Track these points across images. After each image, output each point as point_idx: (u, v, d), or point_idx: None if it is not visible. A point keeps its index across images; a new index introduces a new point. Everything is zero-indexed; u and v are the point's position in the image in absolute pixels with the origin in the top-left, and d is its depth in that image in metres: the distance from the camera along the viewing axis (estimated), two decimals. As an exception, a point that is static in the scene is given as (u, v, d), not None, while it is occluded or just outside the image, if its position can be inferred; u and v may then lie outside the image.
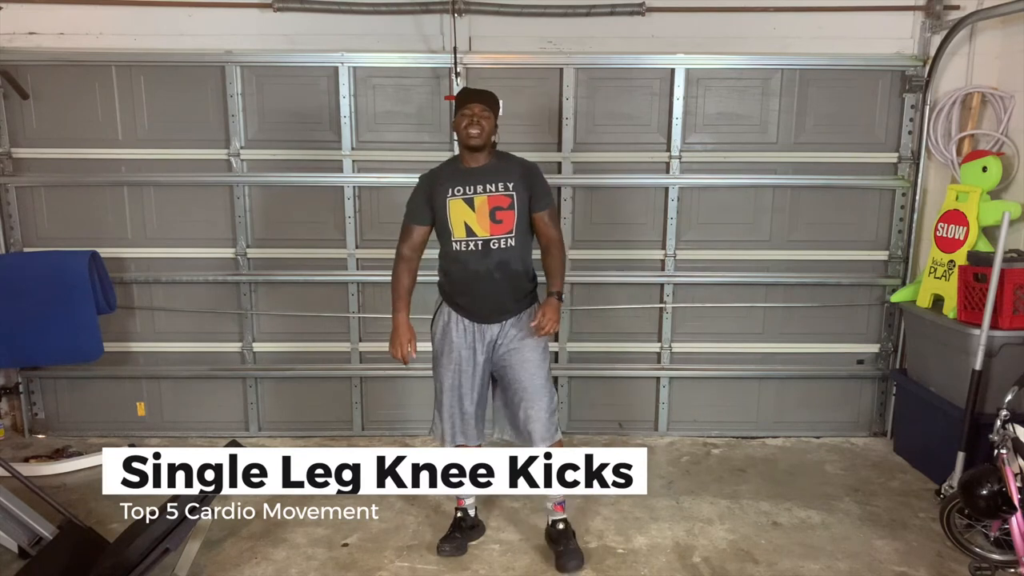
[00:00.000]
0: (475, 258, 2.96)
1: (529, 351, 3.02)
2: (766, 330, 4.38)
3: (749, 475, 3.95)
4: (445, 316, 3.09)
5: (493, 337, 3.03)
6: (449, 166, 3.08)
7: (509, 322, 3.03)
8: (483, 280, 2.96)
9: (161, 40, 4.05)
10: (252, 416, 4.43)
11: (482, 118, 2.93)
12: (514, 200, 2.95)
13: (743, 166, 4.22)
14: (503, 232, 2.95)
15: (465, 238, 2.95)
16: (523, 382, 3.01)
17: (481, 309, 3.01)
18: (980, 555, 3.06)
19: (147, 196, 4.21)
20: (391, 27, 4.08)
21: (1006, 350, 3.48)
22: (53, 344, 3.74)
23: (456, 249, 2.97)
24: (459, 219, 2.95)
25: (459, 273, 3.00)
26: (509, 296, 3.02)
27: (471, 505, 3.30)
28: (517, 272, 3.01)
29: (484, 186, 2.95)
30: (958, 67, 4.09)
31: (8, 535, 2.92)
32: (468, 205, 2.94)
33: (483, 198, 2.94)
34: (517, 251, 2.99)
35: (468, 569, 3.08)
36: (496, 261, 2.95)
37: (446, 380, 3.09)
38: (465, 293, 3.02)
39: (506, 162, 3.04)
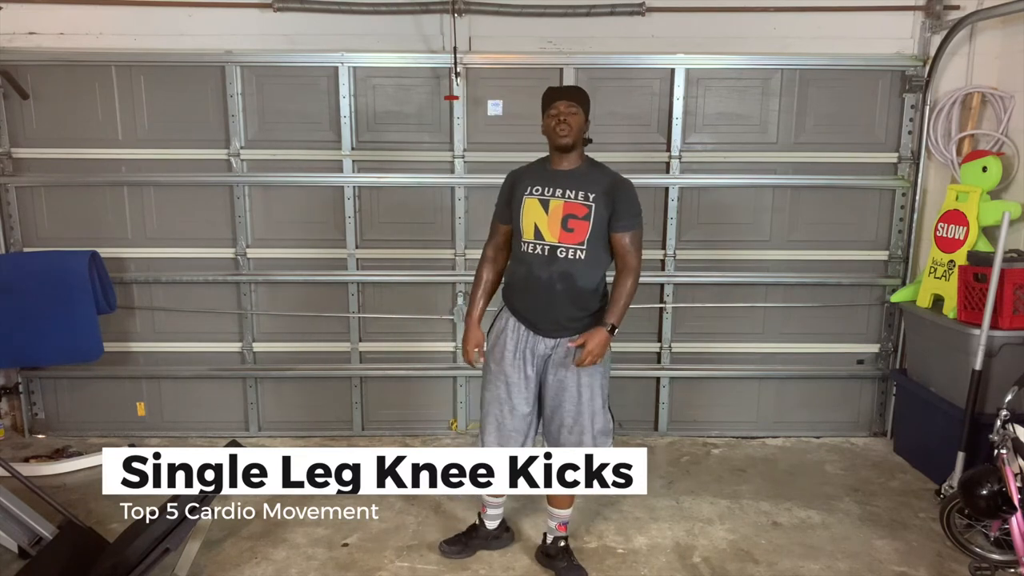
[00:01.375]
0: (539, 262, 2.79)
1: (585, 374, 2.84)
2: (766, 330, 4.38)
3: (749, 475, 3.95)
4: (503, 321, 2.93)
5: (546, 352, 2.86)
6: (537, 165, 2.94)
7: (566, 340, 2.84)
8: (543, 287, 2.78)
9: (161, 40, 4.05)
10: (252, 416, 4.43)
11: (569, 115, 2.77)
12: (591, 212, 2.76)
13: (743, 166, 4.22)
14: (573, 242, 2.77)
15: (533, 240, 2.80)
16: (576, 407, 2.86)
17: (536, 317, 2.84)
18: (980, 555, 3.06)
19: (147, 196, 4.21)
20: (391, 27, 4.08)
21: (1006, 350, 3.48)
22: (53, 344, 3.74)
23: (523, 250, 2.82)
24: (530, 219, 2.80)
25: (522, 275, 2.85)
26: (568, 311, 2.82)
27: (493, 517, 3.17)
28: (582, 288, 2.80)
29: (564, 191, 2.79)
30: (958, 67, 4.09)
31: (8, 535, 2.92)
32: (543, 207, 2.79)
33: (559, 202, 2.78)
34: (585, 266, 2.79)
35: (468, 569, 3.08)
36: (560, 271, 2.77)
37: (492, 391, 2.93)
38: (524, 298, 2.86)
39: (596, 172, 2.87)
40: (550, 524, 3.07)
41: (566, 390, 2.86)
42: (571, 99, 2.81)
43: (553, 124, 2.79)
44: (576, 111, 2.79)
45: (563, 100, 2.80)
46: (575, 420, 2.87)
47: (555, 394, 2.88)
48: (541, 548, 3.13)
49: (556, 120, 2.78)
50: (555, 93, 2.86)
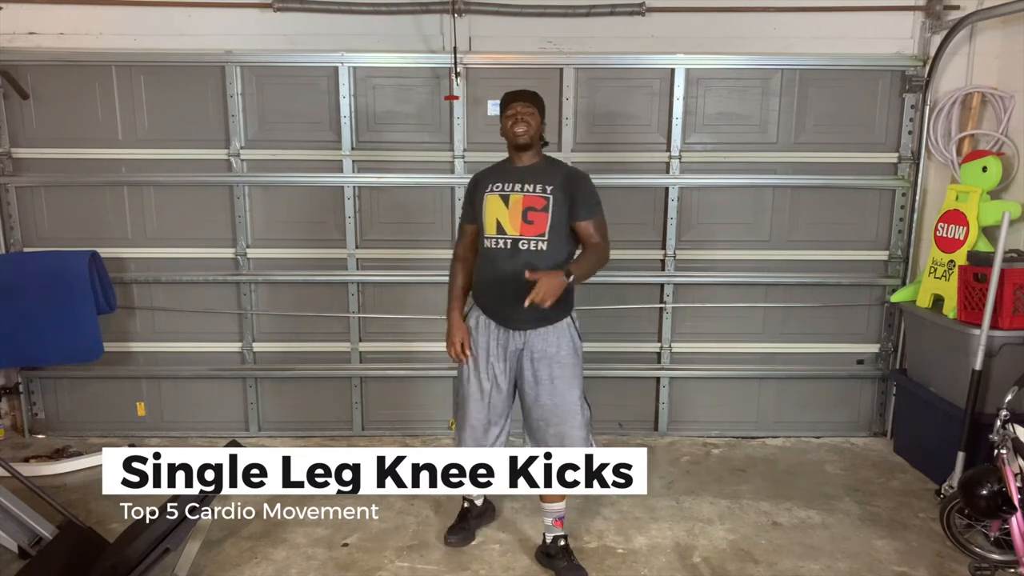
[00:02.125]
0: (503, 256, 2.89)
1: (559, 367, 2.92)
2: (766, 330, 4.38)
3: (749, 475, 3.95)
4: (474, 318, 3.01)
5: (518, 347, 2.94)
6: (498, 164, 3.06)
7: (536, 332, 2.91)
8: (509, 280, 2.84)
9: (161, 40, 4.05)
10: (252, 416, 4.43)
11: (525, 115, 2.90)
12: (549, 203, 2.86)
13: (743, 166, 4.22)
14: (533, 234, 2.86)
15: (496, 235, 2.90)
16: (553, 400, 2.92)
17: (505, 311, 2.91)
18: (980, 555, 3.06)
19: (147, 196, 4.21)
20: (391, 27, 4.08)
21: (1006, 350, 3.48)
22: (53, 344, 3.74)
23: (487, 246, 2.93)
24: (492, 215, 2.91)
25: (488, 270, 2.95)
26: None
27: (478, 496, 3.32)
28: None
29: (523, 185, 2.90)
30: (958, 67, 4.09)
31: (8, 535, 2.92)
32: (503, 201, 2.90)
33: (519, 196, 2.89)
34: (548, 256, 2.86)
35: (468, 569, 3.08)
36: (524, 263, 2.82)
37: (465, 387, 3.02)
38: (491, 293, 2.96)
39: (552, 167, 2.99)
40: (546, 522, 3.10)
41: (540, 383, 2.93)
42: (527, 101, 2.94)
43: (510, 124, 2.91)
44: (532, 112, 2.92)
45: (520, 102, 2.93)
46: (553, 413, 2.93)
47: (531, 389, 2.95)
48: (541, 548, 3.14)
49: (513, 120, 2.91)
50: (512, 96, 2.98)
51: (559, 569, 3.03)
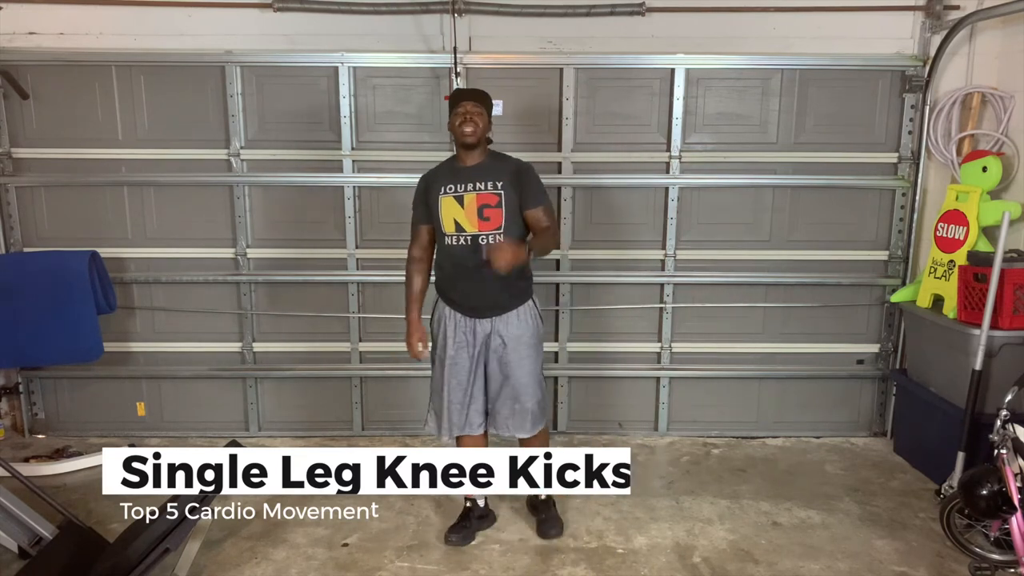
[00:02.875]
0: (464, 252, 3.03)
1: (524, 348, 3.11)
2: (766, 330, 4.38)
3: (749, 475, 3.95)
4: (440, 311, 3.18)
5: (486, 332, 3.10)
6: (445, 165, 3.17)
7: (501, 318, 3.09)
8: (472, 274, 3.02)
9: (161, 40, 4.05)
10: (252, 416, 4.43)
11: (474, 114, 3.00)
12: (502, 199, 3.01)
13: (743, 166, 4.22)
14: (491, 229, 3.01)
15: (455, 232, 3.03)
16: (516, 377, 3.10)
17: (471, 303, 3.08)
18: (980, 555, 3.06)
19: (147, 196, 4.21)
20: (391, 27, 4.08)
21: (1006, 350, 3.48)
22: (53, 344, 3.74)
23: (447, 243, 3.06)
24: (449, 216, 3.03)
25: (450, 267, 3.09)
26: (499, 291, 3.06)
27: (480, 496, 3.35)
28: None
29: (474, 184, 3.03)
30: (958, 67, 4.09)
31: (8, 535, 2.92)
32: (458, 202, 3.02)
33: (472, 196, 3.01)
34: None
35: (468, 569, 3.08)
36: (485, 256, 2.98)
37: (438, 374, 3.18)
38: (456, 287, 3.10)
39: (498, 162, 3.11)
40: None
41: (507, 365, 3.10)
42: (476, 100, 3.05)
43: (459, 122, 3.01)
44: (481, 111, 3.03)
45: (470, 101, 3.04)
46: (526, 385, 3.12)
47: (497, 374, 3.12)
48: (529, 499, 3.46)
49: (462, 118, 3.00)
50: (461, 94, 3.12)
51: (539, 520, 3.32)
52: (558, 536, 3.29)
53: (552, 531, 3.29)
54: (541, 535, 3.29)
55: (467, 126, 2.99)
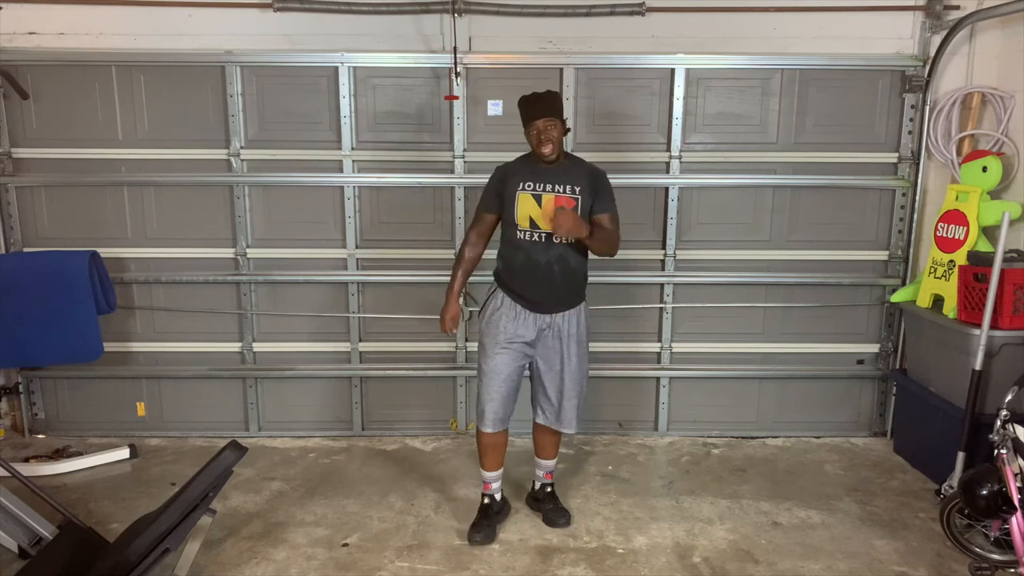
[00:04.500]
0: (538, 248, 3.11)
1: (577, 345, 3.22)
2: (766, 330, 4.38)
3: (749, 475, 3.95)
4: (497, 301, 3.21)
5: (543, 326, 3.18)
6: (525, 161, 3.20)
7: (560, 315, 3.18)
8: (542, 269, 3.12)
9: (161, 40, 4.05)
10: (252, 416, 4.43)
11: (550, 130, 3.04)
12: (579, 204, 3.09)
13: (743, 166, 4.22)
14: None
15: (530, 228, 3.10)
16: (565, 374, 3.22)
17: (537, 296, 3.15)
18: (980, 555, 3.06)
19: (147, 196, 4.21)
20: (391, 27, 4.08)
21: (1006, 350, 3.48)
22: (53, 344, 3.74)
23: (520, 237, 3.13)
24: (525, 212, 3.10)
25: (521, 260, 3.14)
26: (563, 289, 3.17)
27: (497, 489, 3.39)
28: (573, 269, 3.18)
29: (554, 185, 3.10)
30: (958, 67, 4.09)
31: (8, 535, 2.92)
32: (536, 201, 3.09)
33: (550, 197, 3.08)
34: (576, 250, 3.16)
35: (468, 569, 3.08)
36: (557, 254, 3.11)
37: (494, 364, 3.19)
38: (523, 280, 3.15)
39: (576, 166, 3.19)
40: (538, 473, 3.49)
41: (563, 359, 3.21)
42: (549, 115, 3.06)
43: (536, 143, 3.07)
44: (554, 124, 3.06)
45: (542, 119, 3.05)
46: (570, 387, 3.25)
47: (550, 364, 3.23)
48: (531, 494, 3.55)
49: (538, 140, 3.06)
50: (531, 110, 3.07)
51: (546, 511, 3.41)
52: (567, 525, 3.36)
53: (561, 520, 3.36)
54: (549, 524, 3.37)
55: (544, 147, 3.05)
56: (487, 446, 3.30)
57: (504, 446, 3.34)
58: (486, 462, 3.33)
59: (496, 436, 3.27)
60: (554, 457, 3.47)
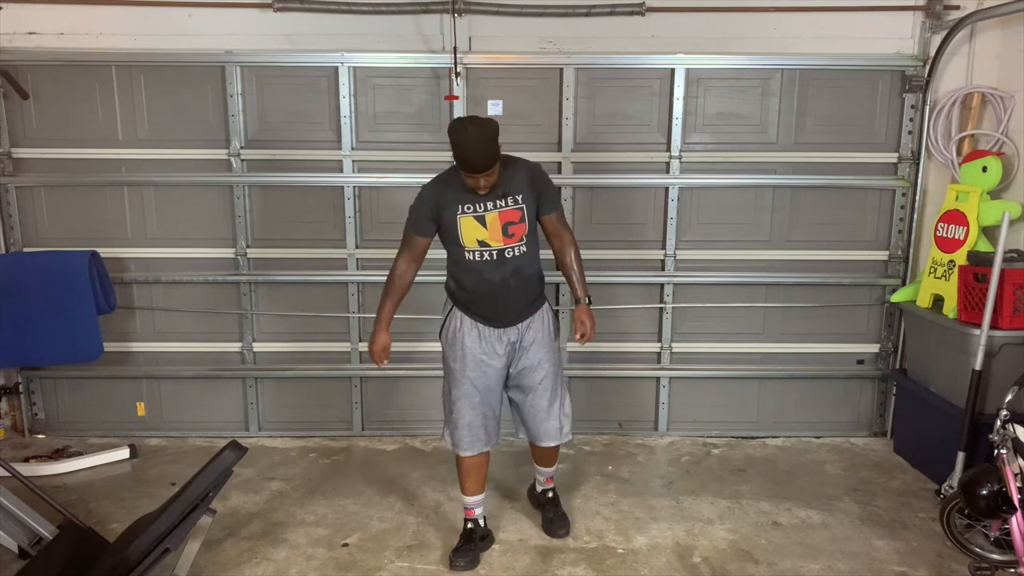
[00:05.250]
0: (490, 267, 2.94)
1: (548, 351, 3.08)
2: (766, 330, 4.38)
3: (749, 475, 3.95)
4: (457, 322, 3.03)
5: (511, 340, 3.03)
6: (454, 179, 2.92)
7: (524, 324, 3.04)
8: (499, 287, 2.95)
9: (161, 40, 4.05)
10: (252, 416, 4.43)
11: (489, 178, 2.82)
12: (524, 212, 2.94)
13: (743, 166, 4.22)
14: (515, 242, 2.95)
15: (478, 248, 2.93)
16: (542, 384, 3.08)
17: (499, 315, 3.00)
18: (980, 555, 3.06)
19: (147, 196, 4.21)
20: (391, 27, 4.08)
21: (1006, 350, 3.48)
22: (53, 344, 3.74)
23: (469, 259, 2.95)
24: (471, 235, 2.92)
25: (474, 282, 2.97)
26: (524, 300, 3.03)
27: (480, 515, 3.24)
28: (529, 276, 3.02)
29: (494, 202, 2.91)
30: (958, 67, 4.09)
31: (8, 535, 2.92)
32: (479, 222, 2.91)
33: (494, 215, 2.90)
34: (528, 256, 3.00)
35: (468, 569, 3.07)
36: (511, 268, 2.95)
37: (461, 389, 3.03)
38: (482, 301, 2.99)
39: (511, 171, 2.95)
40: (539, 479, 3.43)
41: (535, 370, 3.07)
42: (490, 167, 2.79)
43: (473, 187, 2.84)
44: (494, 172, 2.82)
45: (480, 174, 2.78)
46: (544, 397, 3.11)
47: (533, 370, 3.08)
48: (532, 491, 3.51)
49: (476, 185, 2.83)
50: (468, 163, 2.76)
51: (547, 518, 3.33)
52: (566, 535, 3.28)
53: (560, 530, 3.28)
54: (549, 533, 3.29)
55: (482, 191, 2.86)
56: (466, 469, 3.13)
57: (484, 466, 3.17)
58: (466, 486, 3.16)
59: (475, 458, 3.10)
60: (553, 464, 3.37)
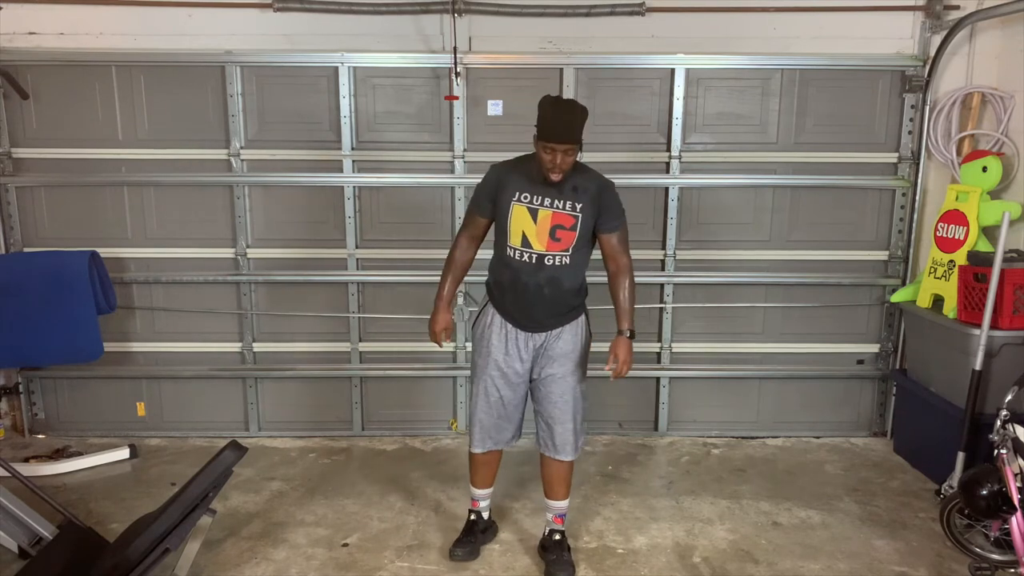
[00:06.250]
0: (527, 269, 2.85)
1: (571, 364, 2.96)
2: (766, 330, 4.38)
3: (749, 475, 3.95)
4: (488, 318, 2.99)
5: (537, 345, 2.95)
6: (525, 164, 2.88)
7: (554, 332, 2.94)
8: (531, 292, 2.86)
9: (161, 40, 4.05)
10: (252, 416, 4.43)
11: (565, 158, 2.71)
12: (578, 222, 2.82)
13: (743, 166, 4.22)
14: (559, 250, 2.84)
15: (520, 247, 2.84)
16: (555, 395, 2.97)
17: (527, 318, 2.92)
18: (980, 555, 3.06)
19: (147, 196, 4.21)
20: (391, 27, 4.08)
21: (1006, 350, 3.48)
22: (53, 344, 3.73)
23: (510, 255, 2.87)
24: (518, 227, 2.83)
25: (509, 280, 2.90)
26: (556, 310, 2.92)
27: (485, 508, 3.24)
28: (567, 289, 2.90)
29: (552, 200, 2.81)
30: (958, 67, 4.09)
31: (8, 535, 2.92)
32: (531, 216, 2.82)
33: (547, 213, 2.81)
34: (571, 269, 2.88)
35: (468, 569, 3.08)
36: (548, 276, 2.85)
37: (480, 385, 3.01)
38: (511, 300, 2.92)
39: (582, 178, 2.86)
40: (547, 516, 3.15)
41: (556, 382, 2.95)
42: (571, 141, 2.71)
43: (546, 167, 2.74)
44: (573, 150, 2.73)
45: (563, 144, 2.69)
46: (564, 411, 2.97)
47: (547, 386, 2.97)
48: (541, 541, 3.19)
49: (551, 162, 2.72)
50: (555, 128, 2.69)
51: (549, 562, 3.05)
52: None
53: (561, 573, 2.99)
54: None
55: (554, 174, 2.73)
56: (476, 463, 3.15)
57: (495, 464, 3.17)
58: (475, 478, 3.18)
59: (486, 456, 3.11)
60: (563, 498, 3.09)
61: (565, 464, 3.05)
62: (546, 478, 3.11)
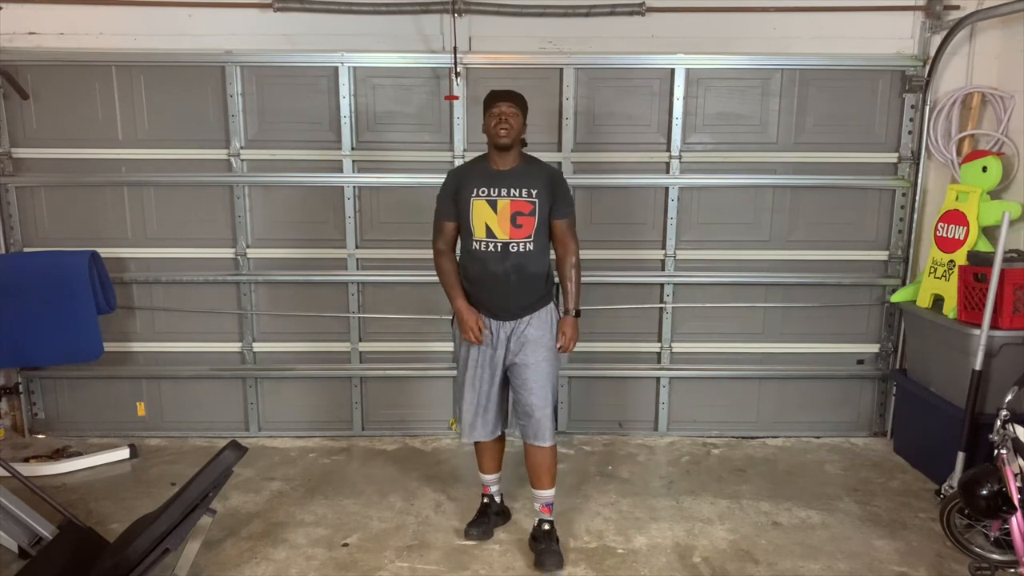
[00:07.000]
0: (493, 259, 3.00)
1: (543, 350, 3.07)
2: (766, 330, 4.38)
3: (749, 475, 3.95)
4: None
5: (508, 334, 3.07)
6: (477, 165, 3.11)
7: (524, 320, 3.06)
8: (500, 280, 3.01)
9: (161, 40, 4.05)
10: (252, 416, 4.43)
11: (510, 116, 2.95)
12: (536, 207, 2.99)
13: (743, 166, 4.22)
14: (522, 236, 2.99)
15: (485, 238, 3.00)
16: (531, 382, 3.07)
17: (497, 307, 3.06)
18: (980, 555, 3.06)
19: (147, 196, 4.21)
20: (391, 27, 4.08)
21: (1006, 350, 3.48)
22: (53, 344, 3.74)
23: (476, 248, 3.03)
24: (481, 220, 3.00)
25: (477, 271, 3.05)
26: (524, 297, 3.05)
27: (496, 492, 3.38)
28: (533, 274, 3.04)
29: (508, 190, 2.99)
30: (958, 67, 4.09)
31: (8, 535, 2.92)
32: (491, 207, 2.99)
33: (506, 202, 2.98)
34: (535, 255, 3.03)
35: (468, 569, 3.08)
36: (513, 263, 3.00)
37: (464, 375, 3.17)
38: (482, 291, 3.07)
39: (533, 167, 3.08)
40: (535, 507, 3.21)
41: (529, 367, 3.06)
42: (512, 101, 2.98)
43: (494, 123, 2.96)
44: (516, 112, 2.98)
45: (505, 102, 2.97)
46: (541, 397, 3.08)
47: (522, 373, 3.08)
48: (532, 532, 3.25)
49: (497, 120, 2.95)
50: (498, 95, 3.01)
51: (538, 551, 3.11)
52: (557, 569, 3.04)
53: (550, 562, 3.04)
54: (538, 566, 3.06)
55: (502, 127, 2.94)
56: (477, 450, 3.32)
57: (497, 451, 3.31)
58: (481, 464, 3.34)
59: (484, 444, 3.26)
60: (549, 487, 3.15)
61: (547, 450, 3.12)
62: (530, 467, 3.19)
